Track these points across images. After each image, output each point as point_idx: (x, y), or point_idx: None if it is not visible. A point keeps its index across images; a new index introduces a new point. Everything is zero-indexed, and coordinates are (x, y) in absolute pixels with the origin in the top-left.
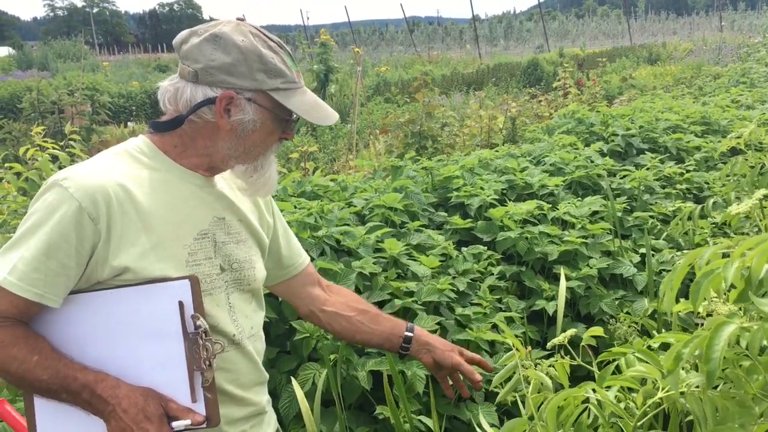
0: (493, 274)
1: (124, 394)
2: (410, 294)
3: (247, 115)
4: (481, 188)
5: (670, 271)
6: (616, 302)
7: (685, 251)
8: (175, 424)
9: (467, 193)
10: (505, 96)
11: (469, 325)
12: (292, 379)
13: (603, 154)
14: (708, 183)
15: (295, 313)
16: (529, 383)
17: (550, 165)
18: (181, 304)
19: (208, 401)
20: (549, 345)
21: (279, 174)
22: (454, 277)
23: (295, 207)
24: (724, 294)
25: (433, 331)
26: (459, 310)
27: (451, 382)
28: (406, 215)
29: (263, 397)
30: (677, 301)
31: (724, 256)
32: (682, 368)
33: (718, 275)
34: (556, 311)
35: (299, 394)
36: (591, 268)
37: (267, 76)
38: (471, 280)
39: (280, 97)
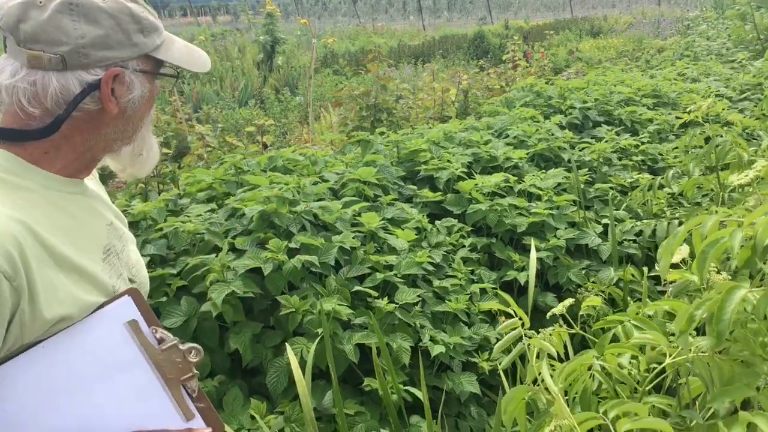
0: (465, 246)
1: None
2: (389, 267)
3: (136, 90)
4: (448, 161)
5: (634, 240)
6: (583, 272)
7: (644, 221)
8: None
9: (435, 167)
10: (457, 68)
11: (447, 297)
12: (287, 346)
13: (562, 127)
14: (662, 155)
15: (280, 287)
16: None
17: (513, 138)
18: (133, 323)
19: (203, 411)
20: (549, 315)
21: (233, 148)
22: (429, 250)
23: (271, 182)
24: (721, 263)
25: (414, 303)
26: (436, 282)
27: None
28: (380, 189)
29: None
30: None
31: (721, 224)
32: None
33: (723, 244)
34: (526, 282)
35: (294, 362)
36: (559, 239)
37: (144, 36)
38: (444, 252)
39: (161, 54)
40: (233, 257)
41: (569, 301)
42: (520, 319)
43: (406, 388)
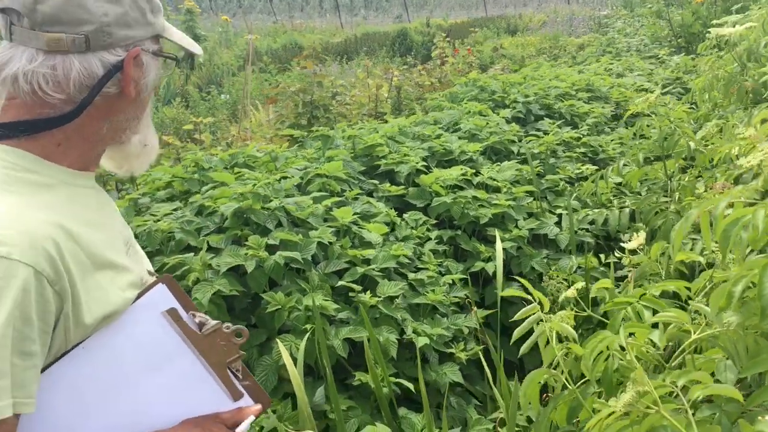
0: (431, 239)
1: None
2: (367, 261)
3: (152, 72)
4: (406, 155)
5: (587, 229)
6: (544, 261)
7: (594, 210)
8: (239, 429)
9: (395, 161)
10: (389, 65)
11: (423, 289)
12: (280, 344)
13: (508, 121)
14: (602, 146)
15: (262, 285)
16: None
17: (465, 132)
18: (172, 311)
19: (250, 389)
20: (561, 298)
21: (167, 146)
22: (402, 244)
23: (237, 179)
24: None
25: (395, 297)
26: (411, 275)
27: None
28: (346, 184)
29: None
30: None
31: (729, 205)
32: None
33: (745, 221)
34: (492, 272)
35: (288, 360)
36: (521, 229)
37: (154, 16)
38: (413, 245)
39: (168, 34)
40: (211, 256)
41: (580, 284)
42: (540, 303)
43: (397, 380)
